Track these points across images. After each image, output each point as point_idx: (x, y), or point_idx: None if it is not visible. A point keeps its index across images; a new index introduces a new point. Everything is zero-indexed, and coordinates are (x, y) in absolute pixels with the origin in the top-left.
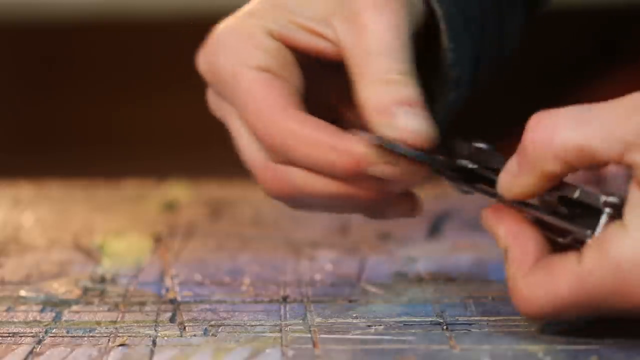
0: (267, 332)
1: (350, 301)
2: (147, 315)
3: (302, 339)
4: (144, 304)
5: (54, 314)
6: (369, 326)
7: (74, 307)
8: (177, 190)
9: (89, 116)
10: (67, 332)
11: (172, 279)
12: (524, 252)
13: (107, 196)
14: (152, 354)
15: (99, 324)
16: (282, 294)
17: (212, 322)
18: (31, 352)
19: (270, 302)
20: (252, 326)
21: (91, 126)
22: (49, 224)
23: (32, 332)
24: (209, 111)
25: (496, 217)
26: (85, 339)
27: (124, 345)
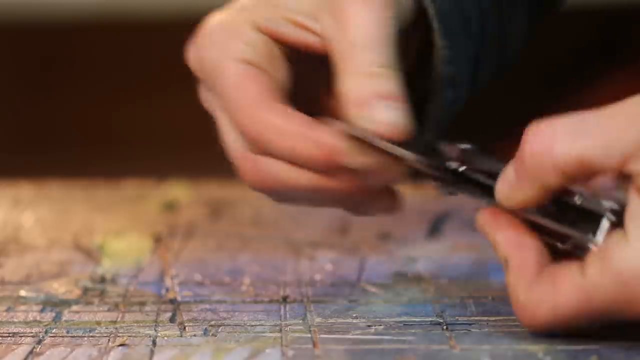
0: (267, 332)
1: (350, 301)
2: (147, 315)
3: (302, 339)
4: (144, 304)
5: (54, 314)
6: (369, 326)
7: (74, 307)
8: (177, 190)
9: (89, 116)
10: (67, 332)
11: (172, 279)
12: (524, 263)
13: (107, 196)
14: (152, 354)
15: (99, 324)
16: (282, 294)
17: (212, 322)
18: (31, 352)
19: (270, 302)
20: (252, 326)
21: (91, 126)
22: (49, 224)
23: (32, 332)
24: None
25: (494, 224)
26: (85, 339)
27: (124, 345)
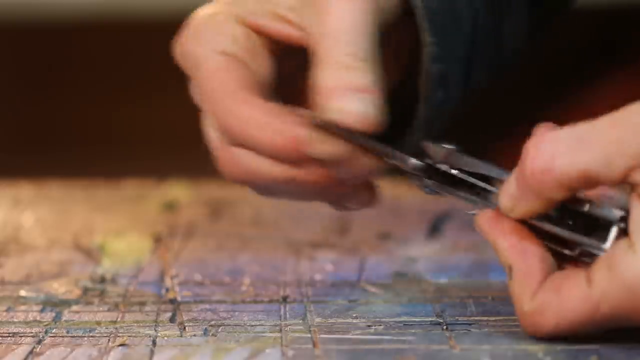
0: (267, 332)
1: (350, 301)
2: (147, 315)
3: (302, 339)
4: (144, 304)
5: (54, 314)
6: (369, 326)
7: (74, 307)
8: (177, 190)
9: (89, 116)
10: (67, 332)
11: (172, 279)
12: (529, 271)
13: (107, 196)
14: (152, 354)
15: (99, 324)
16: (282, 294)
17: (212, 322)
18: (31, 352)
19: (270, 302)
20: (252, 326)
21: (91, 126)
22: (49, 224)
23: (32, 332)
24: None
25: (496, 228)
26: (85, 339)
27: (124, 345)
